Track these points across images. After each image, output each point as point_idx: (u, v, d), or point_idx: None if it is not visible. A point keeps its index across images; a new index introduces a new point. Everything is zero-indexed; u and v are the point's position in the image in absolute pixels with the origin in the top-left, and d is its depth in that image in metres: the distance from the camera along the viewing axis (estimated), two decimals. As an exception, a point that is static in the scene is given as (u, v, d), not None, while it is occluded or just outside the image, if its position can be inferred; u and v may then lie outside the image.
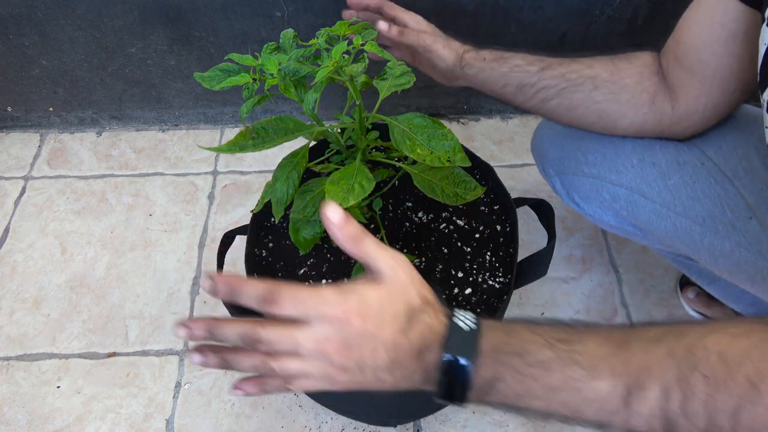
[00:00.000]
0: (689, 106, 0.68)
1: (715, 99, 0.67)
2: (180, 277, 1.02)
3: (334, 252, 0.73)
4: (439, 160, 0.53)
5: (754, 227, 0.68)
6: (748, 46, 0.61)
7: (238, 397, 0.88)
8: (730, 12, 0.60)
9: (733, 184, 0.70)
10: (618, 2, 1.05)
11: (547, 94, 0.72)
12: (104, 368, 0.91)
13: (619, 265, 1.03)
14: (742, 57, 0.62)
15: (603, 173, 0.78)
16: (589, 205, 0.82)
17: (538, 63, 0.72)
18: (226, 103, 1.23)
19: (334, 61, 0.51)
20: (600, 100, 0.71)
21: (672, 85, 0.68)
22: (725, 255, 0.71)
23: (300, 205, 0.58)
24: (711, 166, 0.72)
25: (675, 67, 0.68)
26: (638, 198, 0.76)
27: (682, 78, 0.67)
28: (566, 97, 0.71)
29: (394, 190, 0.79)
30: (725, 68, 0.63)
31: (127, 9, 1.04)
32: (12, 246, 1.07)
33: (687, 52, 0.66)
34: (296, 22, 1.07)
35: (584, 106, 0.72)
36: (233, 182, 1.16)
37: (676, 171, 0.74)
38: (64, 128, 1.26)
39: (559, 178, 0.84)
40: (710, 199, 0.71)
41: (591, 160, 0.79)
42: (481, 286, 0.70)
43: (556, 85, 0.71)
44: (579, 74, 0.71)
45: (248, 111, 0.56)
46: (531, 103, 0.73)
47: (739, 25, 0.60)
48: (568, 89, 0.71)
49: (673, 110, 0.70)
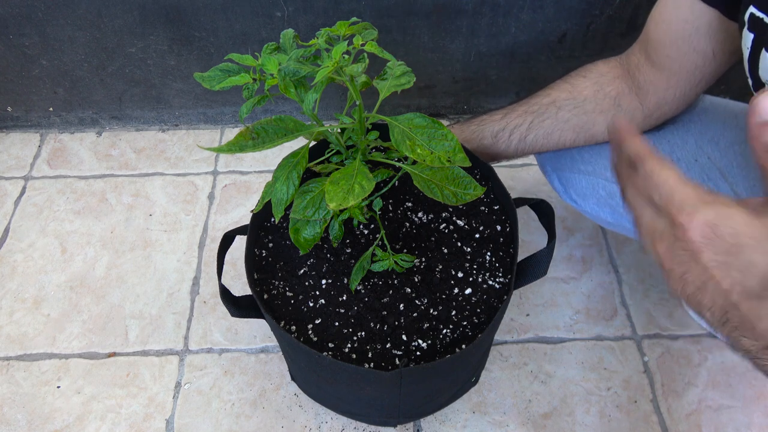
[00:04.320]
0: (659, 99, 0.72)
1: (682, 90, 0.71)
2: (180, 277, 1.02)
3: (334, 252, 0.73)
4: (439, 161, 0.53)
5: None
6: (710, 42, 0.65)
7: (238, 397, 0.88)
8: (692, 10, 0.64)
9: (727, 179, 0.73)
10: (618, 2, 1.05)
11: (521, 133, 0.78)
12: (104, 368, 0.91)
13: (619, 265, 1.03)
14: (706, 52, 0.66)
15: (598, 170, 0.81)
16: (585, 202, 0.84)
17: (500, 111, 0.80)
18: (226, 103, 1.23)
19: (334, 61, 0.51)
20: (568, 118, 0.76)
21: (642, 82, 0.72)
22: None
23: (300, 205, 0.58)
24: (705, 161, 0.74)
25: (645, 64, 0.72)
26: None
27: (651, 74, 0.71)
28: (538, 127, 0.78)
29: (394, 190, 0.79)
30: (690, 63, 0.67)
31: (127, 9, 1.04)
32: (12, 246, 1.07)
33: (655, 48, 0.70)
34: (296, 22, 1.07)
35: (558, 128, 0.77)
36: (233, 182, 1.16)
37: None
38: (64, 128, 1.26)
39: (557, 175, 0.86)
40: None
41: (586, 158, 0.82)
42: (481, 286, 0.70)
43: (524, 121, 0.78)
44: (539, 104, 0.77)
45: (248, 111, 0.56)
46: (513, 146, 0.79)
47: (702, 22, 0.64)
48: (536, 121, 0.77)
49: (643, 105, 0.74)
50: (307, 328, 0.67)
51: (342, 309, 0.69)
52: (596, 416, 0.86)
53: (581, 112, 0.76)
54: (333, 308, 0.69)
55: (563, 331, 0.95)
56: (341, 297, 0.70)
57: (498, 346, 0.93)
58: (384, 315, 0.68)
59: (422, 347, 0.66)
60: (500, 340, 0.94)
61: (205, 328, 0.95)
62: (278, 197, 0.57)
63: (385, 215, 0.77)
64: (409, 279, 0.71)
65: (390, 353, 0.65)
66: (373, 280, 0.71)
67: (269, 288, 0.70)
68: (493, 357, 0.91)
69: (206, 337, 0.95)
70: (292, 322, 0.68)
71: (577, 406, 0.87)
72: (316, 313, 0.68)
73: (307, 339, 0.66)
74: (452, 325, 0.67)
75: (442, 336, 0.67)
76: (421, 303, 0.69)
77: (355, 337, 0.67)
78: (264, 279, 0.71)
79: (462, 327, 0.67)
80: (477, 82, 1.20)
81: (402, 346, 0.66)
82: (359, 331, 0.67)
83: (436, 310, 0.68)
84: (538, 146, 0.80)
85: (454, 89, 1.21)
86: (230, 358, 0.92)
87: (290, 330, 0.67)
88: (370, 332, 0.67)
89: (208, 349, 0.93)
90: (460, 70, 1.17)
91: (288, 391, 0.89)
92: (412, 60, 1.13)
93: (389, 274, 0.71)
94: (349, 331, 0.67)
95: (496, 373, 0.90)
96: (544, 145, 0.80)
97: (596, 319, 0.96)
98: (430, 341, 0.66)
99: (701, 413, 0.86)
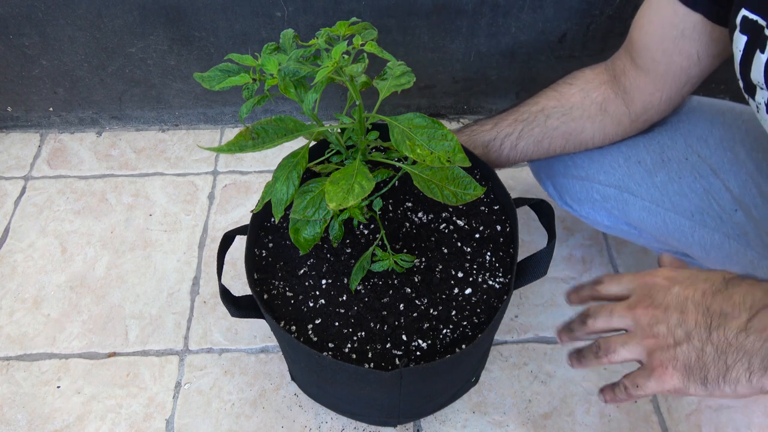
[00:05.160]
0: (645, 103, 0.73)
1: (668, 93, 0.71)
2: (180, 277, 1.02)
3: (334, 252, 0.73)
4: (439, 161, 0.53)
5: (740, 218, 0.71)
6: (695, 45, 0.65)
7: (238, 397, 0.88)
8: (676, 13, 0.64)
9: (719, 176, 0.73)
10: (618, 2, 1.05)
11: (511, 141, 0.79)
12: (104, 368, 0.91)
13: (619, 265, 1.03)
14: (690, 54, 0.66)
15: (591, 174, 0.81)
16: (581, 206, 0.84)
17: (490, 121, 0.80)
18: (226, 103, 1.23)
19: (334, 61, 0.51)
20: (557, 126, 0.77)
21: (628, 87, 0.73)
22: (716, 247, 0.73)
23: (300, 205, 0.58)
24: (695, 160, 0.75)
25: (630, 68, 0.72)
26: (627, 196, 0.79)
27: (637, 78, 0.71)
28: (528, 135, 0.78)
29: (394, 190, 0.79)
30: (676, 65, 0.68)
31: (127, 9, 1.04)
32: (12, 246, 1.07)
33: (640, 52, 0.70)
34: (296, 22, 1.07)
35: (547, 136, 0.78)
36: (233, 182, 1.16)
37: (661, 167, 0.77)
38: (64, 128, 1.26)
39: (551, 181, 0.86)
40: (696, 194, 0.74)
41: (578, 163, 0.82)
42: (481, 286, 0.70)
43: (514, 130, 0.79)
44: (528, 113, 0.78)
45: (248, 111, 0.56)
46: (504, 155, 0.80)
47: (686, 25, 0.64)
48: (526, 129, 0.78)
49: (629, 110, 0.74)
50: (307, 328, 0.67)
51: (342, 309, 0.69)
52: (596, 416, 0.86)
53: (569, 119, 0.76)
54: (333, 308, 0.69)
55: (563, 331, 0.95)
56: (341, 297, 0.70)
57: (498, 346, 0.93)
58: (384, 315, 0.68)
59: (422, 347, 0.66)
60: (500, 340, 0.94)
61: (205, 328, 0.95)
62: (278, 197, 0.57)
63: (385, 215, 0.77)
64: (409, 279, 0.71)
65: (390, 353, 0.65)
66: (373, 280, 0.71)
67: (269, 288, 0.70)
68: (493, 357, 0.91)
69: (206, 337, 0.95)
70: (292, 322, 0.68)
71: (577, 406, 0.87)
72: (316, 313, 0.68)
73: (307, 339, 0.66)
74: (452, 325, 0.67)
75: (442, 336, 0.67)
76: (421, 303, 0.69)
77: (355, 337, 0.67)
78: (264, 279, 0.71)
79: (462, 327, 0.67)
80: (477, 82, 1.20)
81: (402, 346, 0.66)
82: (359, 331, 0.67)
83: (436, 310, 0.68)
84: (529, 154, 0.80)
85: (454, 89, 1.21)
86: (230, 358, 0.92)
87: (290, 330, 0.67)
88: (370, 332, 0.67)
89: (208, 349, 0.93)
90: (460, 70, 1.17)
91: (288, 391, 0.89)
92: (412, 60, 1.13)
93: (389, 274, 0.71)
94: (349, 331, 0.67)
95: (496, 373, 0.90)
96: (535, 152, 0.80)
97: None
98: (430, 341, 0.66)
99: (701, 413, 0.86)
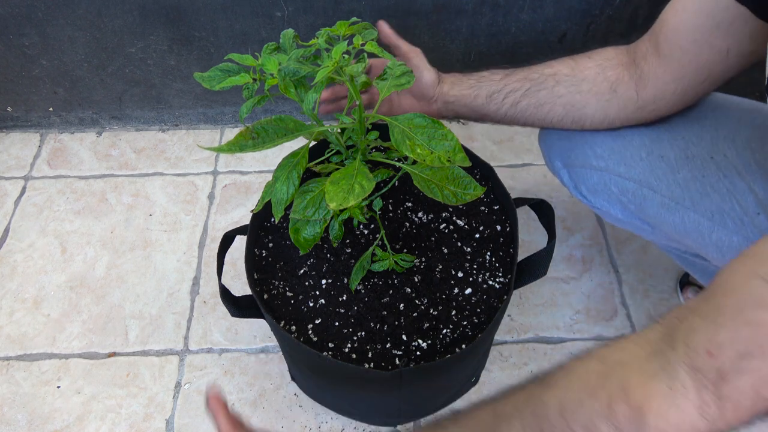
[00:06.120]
0: (657, 93, 0.71)
1: (684, 86, 0.69)
2: (180, 277, 1.02)
3: (334, 252, 0.73)
4: (439, 160, 0.53)
5: (762, 222, 0.68)
6: (728, 39, 0.62)
7: (238, 397, 0.88)
8: (718, 3, 0.61)
9: (744, 178, 0.70)
10: (618, 2, 1.05)
11: (514, 98, 0.78)
12: (104, 368, 0.91)
13: (619, 265, 1.03)
14: (720, 49, 0.63)
15: (611, 166, 0.79)
16: (596, 198, 0.82)
17: (502, 72, 0.79)
18: (226, 103, 1.23)
19: (334, 61, 0.51)
20: (563, 94, 0.76)
21: (645, 72, 0.71)
22: (733, 250, 0.71)
23: (300, 205, 0.58)
24: (721, 159, 0.72)
25: (652, 55, 0.70)
26: (647, 191, 0.76)
27: (657, 66, 0.69)
28: (532, 96, 0.77)
29: (394, 190, 0.79)
30: (701, 58, 0.65)
31: (127, 9, 1.04)
32: (12, 246, 1.07)
33: (668, 38, 0.67)
34: (296, 22, 1.07)
35: (550, 101, 0.77)
36: (233, 182, 1.16)
37: (685, 164, 0.74)
38: (64, 128, 1.26)
39: (567, 170, 0.84)
40: (719, 194, 0.71)
41: (599, 153, 0.80)
42: (481, 286, 0.70)
43: (521, 87, 0.77)
44: (540, 74, 0.77)
45: (248, 111, 0.56)
46: (503, 110, 0.79)
47: (725, 17, 0.61)
48: (532, 89, 0.77)
49: (638, 96, 0.72)
50: (307, 328, 0.67)
51: (342, 309, 0.69)
52: (596, 416, 0.86)
53: (576, 91, 0.75)
54: (333, 308, 0.69)
55: (563, 331, 0.95)
56: (341, 297, 0.70)
57: (498, 346, 0.93)
58: (384, 315, 0.68)
59: (422, 347, 0.66)
60: (500, 340, 0.94)
61: (205, 328, 0.95)
62: (278, 197, 0.57)
63: (385, 215, 0.77)
64: (409, 279, 0.71)
65: (390, 353, 0.65)
66: (373, 280, 0.71)
67: (269, 288, 0.70)
68: (493, 357, 0.91)
69: (206, 337, 0.95)
70: (292, 322, 0.68)
71: (577, 406, 0.87)
72: (316, 313, 0.68)
73: (307, 339, 0.66)
74: (452, 325, 0.67)
75: (442, 336, 0.67)
76: (421, 303, 0.69)
77: (355, 337, 0.67)
78: (264, 279, 0.71)
79: (462, 327, 0.67)
80: (477, 82, 1.20)
81: (402, 346, 0.66)
82: (359, 331, 0.67)
83: (436, 310, 0.68)
84: (527, 116, 0.79)
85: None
86: (230, 358, 0.92)
87: (290, 330, 0.67)
88: (370, 332, 0.67)
89: (208, 349, 0.93)
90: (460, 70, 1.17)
91: (288, 391, 0.89)
92: (412, 60, 1.13)
93: (389, 274, 0.71)
94: (349, 331, 0.67)
95: (496, 373, 0.90)
96: (532, 116, 0.79)
97: (596, 319, 0.96)
98: (430, 341, 0.66)
99: None
